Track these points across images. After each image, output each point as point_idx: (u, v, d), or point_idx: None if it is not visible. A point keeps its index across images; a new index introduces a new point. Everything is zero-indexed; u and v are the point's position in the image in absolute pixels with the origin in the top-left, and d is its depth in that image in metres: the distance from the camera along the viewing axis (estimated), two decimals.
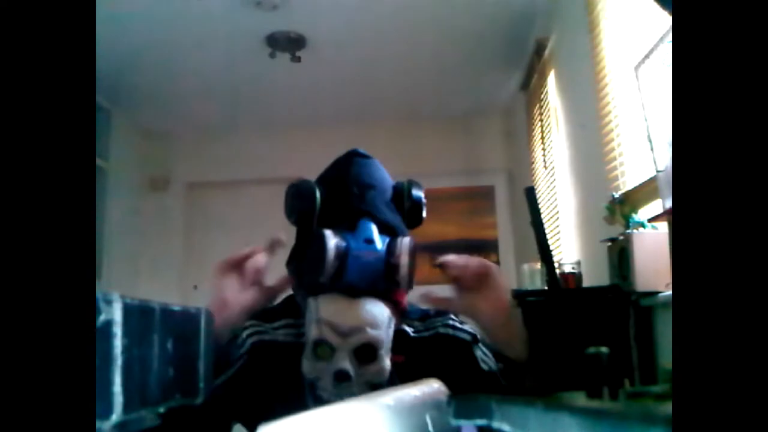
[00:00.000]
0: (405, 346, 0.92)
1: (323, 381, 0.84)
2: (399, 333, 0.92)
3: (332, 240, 0.84)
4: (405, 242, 0.88)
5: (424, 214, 1.00)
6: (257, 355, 0.94)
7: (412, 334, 0.98)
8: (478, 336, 1.00)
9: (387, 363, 0.85)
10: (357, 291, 0.86)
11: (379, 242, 0.87)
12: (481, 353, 0.98)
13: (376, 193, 0.94)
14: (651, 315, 1.65)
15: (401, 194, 0.97)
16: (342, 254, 0.84)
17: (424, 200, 0.99)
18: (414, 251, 0.88)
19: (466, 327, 1.00)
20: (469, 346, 0.98)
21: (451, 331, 0.99)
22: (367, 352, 0.84)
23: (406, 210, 0.97)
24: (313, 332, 0.85)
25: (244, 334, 0.95)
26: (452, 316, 1.01)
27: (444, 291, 0.97)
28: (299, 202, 0.93)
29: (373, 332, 0.84)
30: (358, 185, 0.94)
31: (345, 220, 0.90)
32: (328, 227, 0.87)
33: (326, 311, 0.85)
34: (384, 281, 0.86)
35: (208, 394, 0.45)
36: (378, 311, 0.86)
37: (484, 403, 0.44)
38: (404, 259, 0.86)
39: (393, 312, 0.89)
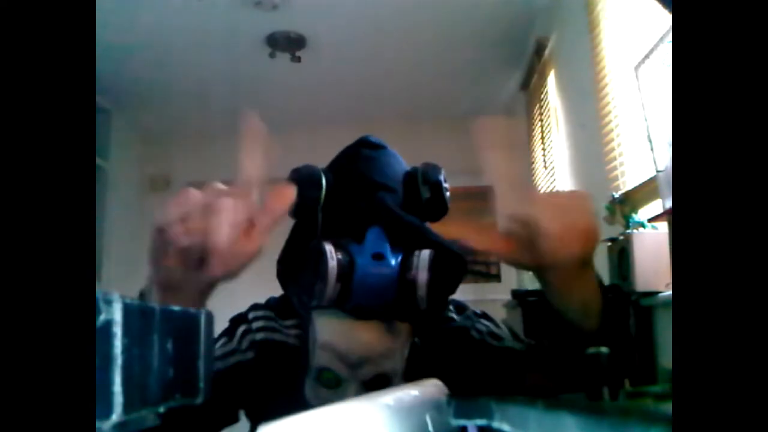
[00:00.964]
0: (412, 357, 0.80)
1: None
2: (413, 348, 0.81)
3: (333, 258, 0.70)
4: (424, 256, 0.73)
5: (448, 199, 0.84)
6: (265, 353, 0.82)
7: (417, 342, 0.86)
8: (467, 308, 0.89)
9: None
10: (366, 312, 0.72)
11: (392, 256, 0.73)
12: (483, 327, 0.87)
13: (388, 194, 0.80)
14: (651, 315, 1.65)
15: (415, 182, 0.83)
16: (346, 274, 0.70)
17: (445, 184, 0.84)
18: (437, 265, 0.73)
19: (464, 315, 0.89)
20: (465, 330, 0.87)
21: (453, 323, 0.88)
22: (379, 384, 0.72)
23: (424, 200, 0.82)
24: (316, 358, 0.74)
25: (255, 324, 0.83)
26: (450, 307, 0.90)
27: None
28: (301, 190, 0.76)
29: (386, 363, 0.73)
30: (367, 185, 0.80)
31: (350, 227, 0.76)
32: (331, 235, 0.75)
33: (331, 335, 0.73)
34: (399, 303, 0.72)
35: (209, 392, 0.45)
36: (392, 337, 0.74)
37: (484, 403, 0.44)
38: (423, 276, 0.71)
39: (409, 330, 0.77)
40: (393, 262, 0.73)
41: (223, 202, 0.57)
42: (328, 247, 0.72)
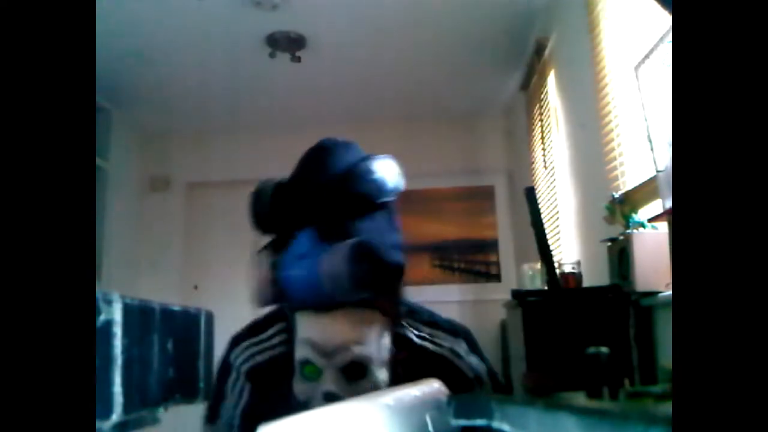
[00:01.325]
0: (409, 351, 0.87)
1: (314, 403, 0.79)
2: (401, 338, 0.87)
3: (262, 264, 0.80)
4: (337, 250, 0.78)
5: (380, 188, 0.86)
6: (254, 382, 0.91)
7: (416, 341, 0.90)
8: (483, 377, 0.92)
9: (381, 377, 0.80)
10: (310, 305, 0.79)
11: (318, 253, 0.79)
12: (478, 366, 0.93)
13: (323, 194, 0.85)
14: (651, 315, 1.65)
15: (348, 178, 0.86)
16: (274, 277, 0.78)
17: (374, 174, 0.86)
18: (355, 256, 0.77)
19: (474, 361, 0.93)
20: (471, 384, 0.91)
21: (455, 360, 0.91)
22: (355, 370, 0.79)
23: (353, 193, 0.85)
24: (297, 353, 0.81)
25: (238, 361, 0.93)
26: (464, 344, 0.93)
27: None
28: (252, 206, 0.88)
29: (359, 349, 0.79)
30: (306, 189, 0.86)
31: (289, 230, 0.83)
32: (279, 238, 0.83)
33: (307, 330, 0.81)
34: (324, 296, 0.78)
35: (209, 392, 0.45)
36: (362, 324, 0.80)
37: (484, 403, 0.44)
38: (330, 270, 0.76)
39: (384, 318, 0.83)
40: (316, 258, 0.78)
41: None
42: (260, 255, 0.81)
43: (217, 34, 3.15)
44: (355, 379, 0.79)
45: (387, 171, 0.87)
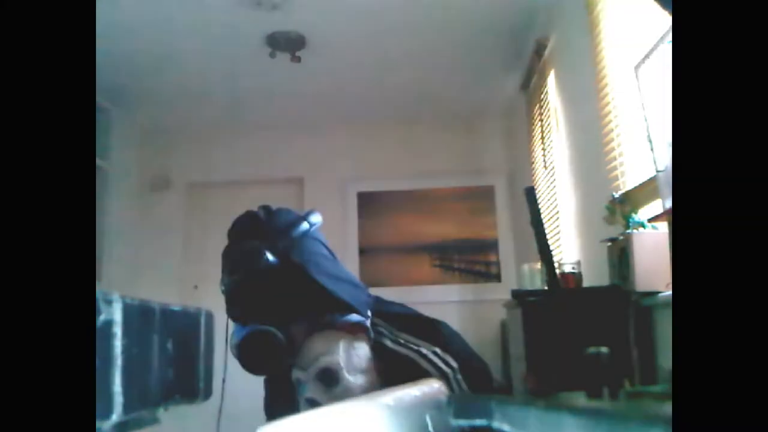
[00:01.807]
0: (383, 355, 1.01)
1: (304, 411, 0.94)
2: (378, 346, 1.02)
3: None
4: (233, 339, 0.97)
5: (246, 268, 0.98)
6: (272, 386, 1.12)
7: (390, 346, 1.03)
8: (451, 375, 0.99)
9: (358, 382, 0.94)
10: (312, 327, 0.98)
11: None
12: (447, 368, 1.00)
13: (242, 285, 0.98)
14: (651, 315, 1.65)
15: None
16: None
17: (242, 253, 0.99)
18: (249, 339, 0.95)
19: (441, 362, 0.99)
20: (416, 365, 1.00)
21: (422, 363, 0.99)
22: (328, 377, 0.94)
23: (271, 267, 0.98)
24: (293, 376, 0.98)
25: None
26: (437, 350, 1.00)
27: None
28: None
29: (326, 358, 0.95)
30: (225, 284, 1.00)
31: None
32: None
33: (296, 357, 0.98)
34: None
35: (209, 392, 0.45)
36: (328, 340, 0.97)
37: (484, 403, 0.44)
38: (236, 351, 0.96)
39: (350, 335, 0.98)
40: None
41: None
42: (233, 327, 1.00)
43: (217, 34, 3.15)
44: (329, 384, 0.94)
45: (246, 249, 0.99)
